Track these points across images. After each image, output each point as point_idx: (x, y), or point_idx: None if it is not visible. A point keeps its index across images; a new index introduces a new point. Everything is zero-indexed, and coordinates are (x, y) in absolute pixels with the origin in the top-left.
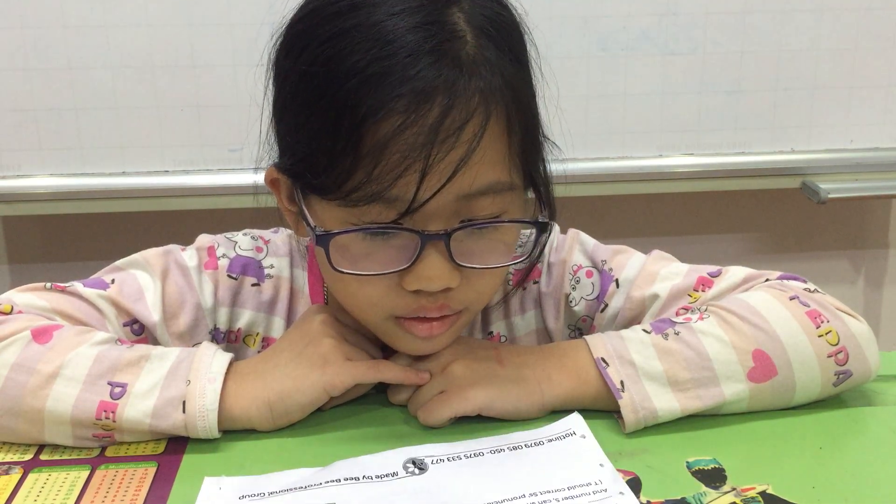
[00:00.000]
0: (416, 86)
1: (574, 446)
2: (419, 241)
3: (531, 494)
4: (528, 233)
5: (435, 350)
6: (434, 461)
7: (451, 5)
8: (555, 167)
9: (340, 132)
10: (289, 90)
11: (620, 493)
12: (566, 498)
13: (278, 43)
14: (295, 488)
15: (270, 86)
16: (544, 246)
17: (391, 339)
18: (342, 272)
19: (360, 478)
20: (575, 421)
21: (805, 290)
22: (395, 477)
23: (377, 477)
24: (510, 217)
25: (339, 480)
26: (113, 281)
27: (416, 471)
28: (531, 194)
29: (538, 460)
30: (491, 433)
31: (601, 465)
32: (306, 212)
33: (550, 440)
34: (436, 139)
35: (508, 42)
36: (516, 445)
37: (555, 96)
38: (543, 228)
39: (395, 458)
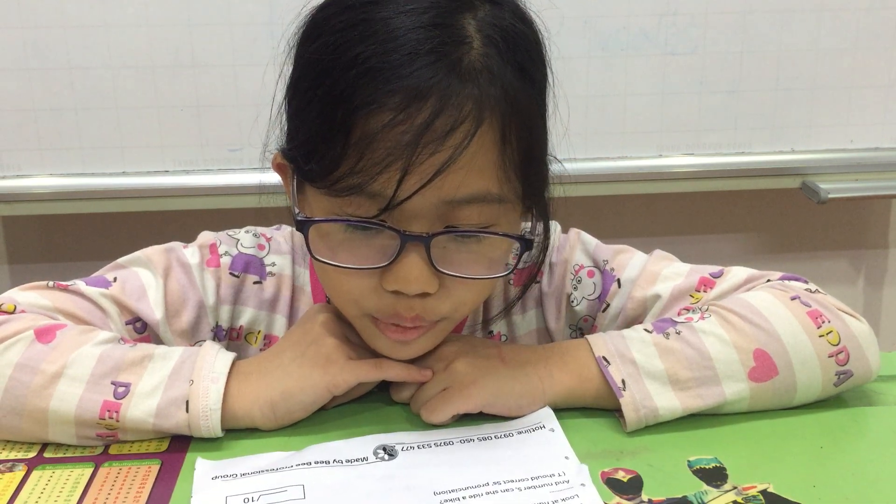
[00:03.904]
0: (410, 84)
1: (542, 439)
2: (399, 241)
3: (495, 483)
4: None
5: (411, 356)
6: (404, 448)
7: (466, 11)
8: (553, 167)
9: (334, 121)
10: (298, 75)
11: (582, 484)
12: (529, 488)
13: (300, 28)
14: (266, 470)
15: (287, 69)
16: (542, 260)
17: (367, 338)
18: (319, 260)
19: (331, 461)
20: (545, 414)
21: (806, 290)
22: (365, 462)
23: (347, 461)
24: (499, 231)
25: (310, 464)
26: (115, 279)
27: (386, 456)
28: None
29: (505, 451)
30: (463, 423)
31: (566, 457)
32: (296, 197)
33: (520, 432)
34: (421, 140)
35: (519, 57)
36: (486, 436)
37: (554, 96)
38: (528, 246)
39: (366, 444)
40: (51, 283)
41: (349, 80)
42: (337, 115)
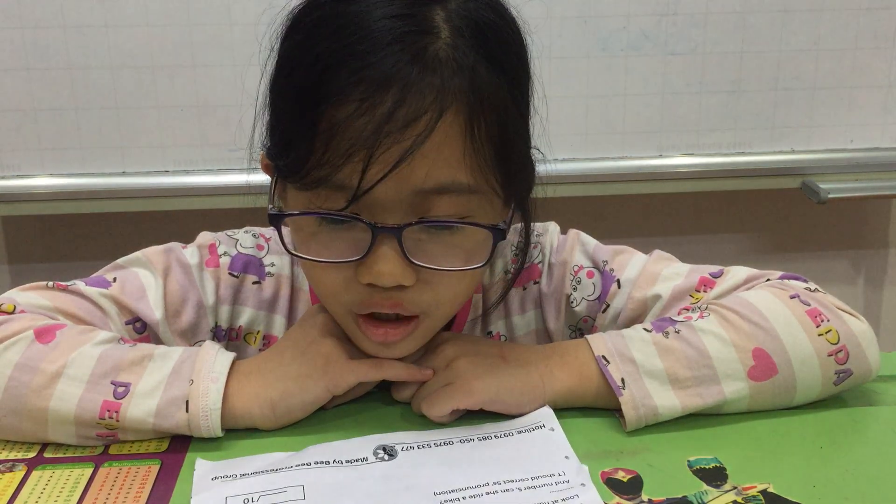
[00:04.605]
0: (373, 74)
1: (542, 439)
2: (371, 234)
3: (495, 483)
4: (511, 241)
5: (397, 356)
6: (404, 448)
7: (435, 3)
8: (551, 167)
9: (302, 114)
10: (274, 74)
11: (582, 484)
12: (529, 488)
13: (279, 28)
14: (266, 471)
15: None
16: (524, 258)
17: (354, 338)
18: (294, 255)
19: (331, 462)
20: (545, 414)
21: (806, 289)
22: (365, 462)
23: (347, 462)
24: (471, 221)
25: (310, 464)
26: (115, 279)
27: (386, 457)
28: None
29: (506, 451)
30: (463, 423)
31: (567, 457)
32: (273, 194)
33: (520, 432)
34: (383, 129)
35: (491, 49)
36: (486, 436)
37: (555, 96)
38: (500, 236)
39: (365, 444)
40: (50, 284)
41: (316, 74)
42: (305, 109)
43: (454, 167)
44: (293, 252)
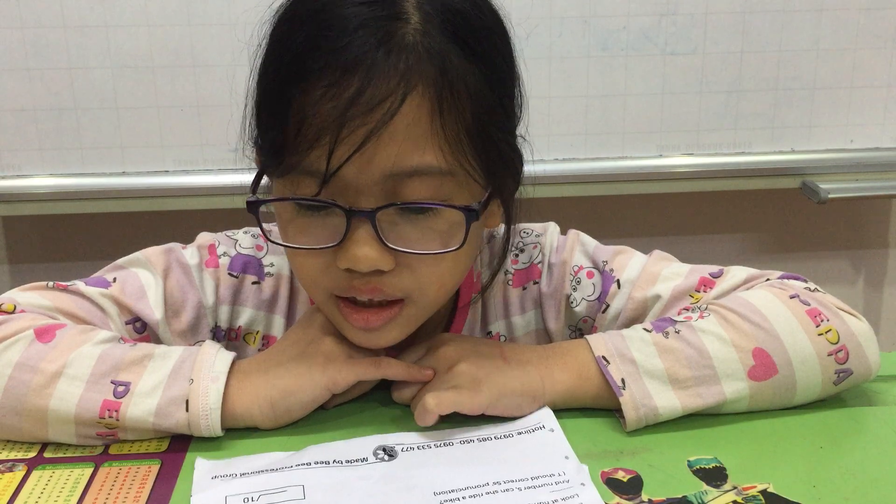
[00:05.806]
0: (339, 59)
1: (542, 439)
2: (346, 218)
3: (495, 483)
4: (512, 242)
5: (382, 345)
6: (404, 448)
7: None
8: (551, 167)
9: (275, 103)
10: (259, 67)
11: (582, 484)
12: (529, 488)
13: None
14: (266, 470)
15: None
16: (509, 241)
17: (339, 326)
18: (274, 242)
19: (331, 462)
20: (545, 415)
21: (806, 288)
22: (365, 462)
23: (347, 461)
24: (443, 202)
25: (310, 464)
26: (115, 279)
27: (386, 457)
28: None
29: (505, 451)
30: (462, 424)
31: (566, 457)
32: (258, 184)
33: (519, 433)
34: (348, 113)
35: (463, 36)
36: (486, 437)
37: (555, 96)
38: (473, 217)
39: (365, 444)
40: (50, 284)
41: (288, 61)
42: (277, 97)
43: (423, 149)
44: (272, 239)
